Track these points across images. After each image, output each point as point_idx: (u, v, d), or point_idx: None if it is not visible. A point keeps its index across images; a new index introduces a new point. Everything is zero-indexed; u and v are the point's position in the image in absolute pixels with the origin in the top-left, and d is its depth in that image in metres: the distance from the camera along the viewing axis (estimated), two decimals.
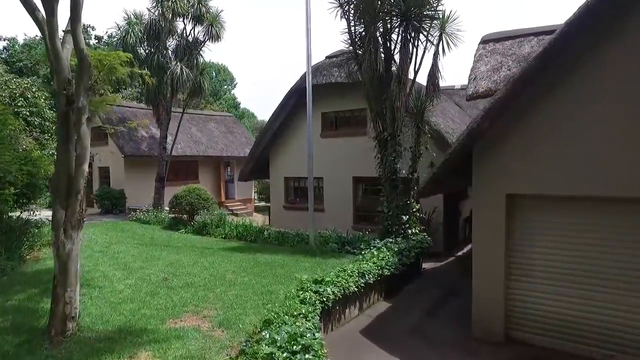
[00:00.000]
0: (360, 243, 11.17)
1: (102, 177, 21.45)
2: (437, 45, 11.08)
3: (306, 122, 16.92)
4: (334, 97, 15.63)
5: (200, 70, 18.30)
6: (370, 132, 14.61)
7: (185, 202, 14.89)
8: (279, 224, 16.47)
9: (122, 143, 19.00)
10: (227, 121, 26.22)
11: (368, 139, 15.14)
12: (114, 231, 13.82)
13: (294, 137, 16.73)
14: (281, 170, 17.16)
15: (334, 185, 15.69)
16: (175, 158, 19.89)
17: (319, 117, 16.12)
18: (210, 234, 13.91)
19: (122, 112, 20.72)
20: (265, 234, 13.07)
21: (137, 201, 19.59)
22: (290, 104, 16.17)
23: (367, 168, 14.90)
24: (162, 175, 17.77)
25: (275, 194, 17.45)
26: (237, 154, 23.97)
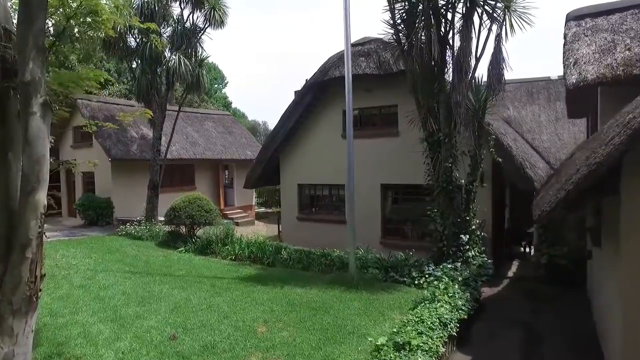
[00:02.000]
0: (409, 269, 9.02)
1: (86, 184, 18.95)
2: (501, 26, 9.00)
3: (327, 120, 14.51)
4: (358, 91, 13.43)
5: (199, 62, 15.99)
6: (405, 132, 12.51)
7: (185, 215, 12.57)
8: (291, 237, 14.25)
9: (109, 145, 16.58)
10: (225, 120, 23.90)
11: (400, 141, 13.09)
12: (99, 251, 11.44)
13: (310, 139, 14.53)
14: (294, 177, 14.94)
15: (358, 194, 13.45)
16: (170, 162, 17.54)
17: (338, 116, 13.95)
18: (216, 254, 11.62)
19: (109, 109, 18.27)
20: (284, 255, 10.84)
21: (127, 212, 17.15)
22: (306, 101, 13.96)
23: (398, 174, 12.81)
24: (155, 181, 15.40)
25: (287, 203, 15.22)
26: (238, 157, 21.66)
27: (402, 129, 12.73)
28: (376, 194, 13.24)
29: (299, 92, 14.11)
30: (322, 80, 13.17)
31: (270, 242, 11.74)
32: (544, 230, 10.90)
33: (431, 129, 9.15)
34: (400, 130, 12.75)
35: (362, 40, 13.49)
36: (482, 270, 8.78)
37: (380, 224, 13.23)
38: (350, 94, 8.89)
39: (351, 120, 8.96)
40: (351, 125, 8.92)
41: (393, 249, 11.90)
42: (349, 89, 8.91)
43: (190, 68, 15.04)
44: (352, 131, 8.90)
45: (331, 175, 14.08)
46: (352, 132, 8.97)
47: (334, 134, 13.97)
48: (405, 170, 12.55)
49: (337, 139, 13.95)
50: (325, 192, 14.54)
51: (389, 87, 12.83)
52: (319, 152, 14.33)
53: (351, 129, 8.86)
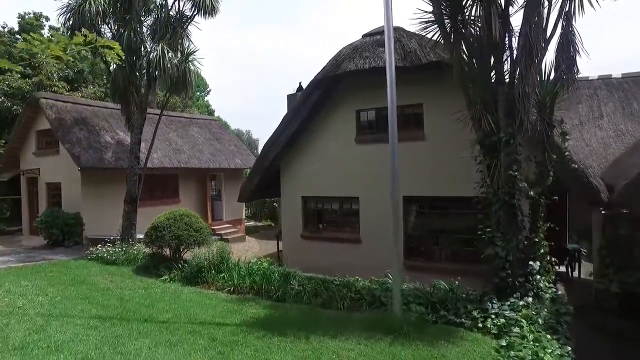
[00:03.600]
0: (465, 305, 7.02)
1: (51, 197, 16.40)
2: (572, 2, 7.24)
3: (337, 122, 12.22)
4: (374, 88, 11.56)
5: (186, 56, 13.83)
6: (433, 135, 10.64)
7: (169, 236, 10.31)
8: (294, 259, 12.11)
9: (78, 151, 14.17)
10: (212, 126, 21.67)
11: (426, 145, 11.20)
12: (59, 284, 9.06)
13: (317, 144, 12.51)
14: (297, 188, 12.86)
15: (375, 207, 11.55)
16: (151, 171, 15.21)
17: (351, 117, 12.01)
18: (208, 284, 9.40)
19: (79, 111, 15.86)
20: (294, 285, 8.71)
21: (99, 229, 14.70)
22: (313, 101, 11.96)
23: (424, 184, 10.90)
24: (133, 194, 13.06)
25: (288, 219, 13.09)
26: (227, 165, 19.43)
27: (429, 131, 10.87)
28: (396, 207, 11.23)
29: (304, 90, 12.09)
30: (334, 74, 11.20)
31: (274, 268, 9.57)
32: (608, 252, 9.09)
33: (488, 128, 7.25)
34: (427, 133, 10.88)
35: (379, 29, 11.62)
36: (558, 306, 6.88)
37: (402, 242, 11.22)
38: (392, 80, 6.97)
39: (394, 109, 7.02)
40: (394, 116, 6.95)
41: (418, 273, 10.03)
42: (391, 76, 6.96)
43: (176, 62, 12.85)
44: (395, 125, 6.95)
45: (342, 187, 12.08)
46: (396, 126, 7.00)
47: (346, 138, 12.00)
48: (433, 180, 10.66)
49: (349, 144, 11.99)
50: (334, 205, 12.49)
51: (413, 83, 10.94)
52: (328, 159, 12.32)
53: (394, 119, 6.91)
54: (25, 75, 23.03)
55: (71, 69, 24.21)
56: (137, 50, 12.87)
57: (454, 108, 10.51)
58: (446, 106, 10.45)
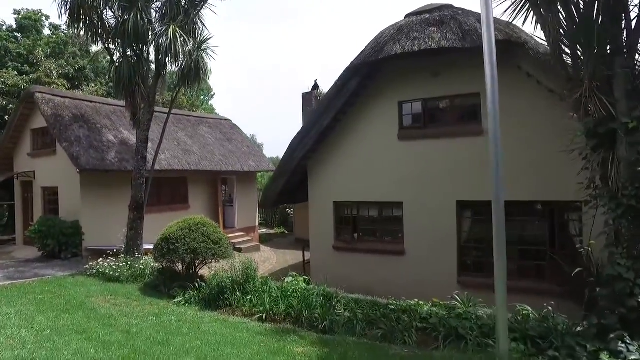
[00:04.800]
0: (582, 344, 5.29)
1: (48, 203, 14.74)
2: None
3: (376, 116, 10.39)
4: (421, 76, 9.94)
5: (199, 43, 12.22)
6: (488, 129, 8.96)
7: (184, 249, 8.63)
8: (325, 273, 10.38)
9: (78, 151, 12.52)
10: (223, 126, 20.04)
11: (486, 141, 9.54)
12: (51, 309, 7.36)
13: (351, 141, 10.86)
14: (329, 192, 11.18)
15: (423, 213, 9.89)
16: (158, 174, 13.56)
17: (392, 109, 10.37)
18: (232, 308, 7.72)
19: (78, 107, 14.24)
20: (340, 311, 7.02)
21: (100, 239, 13.05)
22: (349, 91, 10.30)
23: (482, 187, 9.17)
24: (139, 199, 11.39)
25: (318, 227, 11.40)
26: (240, 168, 17.77)
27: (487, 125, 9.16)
28: (450, 214, 9.60)
29: (339, 79, 10.44)
30: (376, 59, 9.56)
31: (313, 288, 7.87)
32: None
33: (603, 113, 5.58)
34: (485, 128, 9.18)
35: (427, 7, 10.01)
36: None
37: (456, 256, 9.54)
38: (492, 56, 5.29)
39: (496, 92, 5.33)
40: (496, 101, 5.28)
41: (475, 291, 8.33)
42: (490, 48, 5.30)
43: (190, 47, 11.24)
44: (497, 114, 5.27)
45: (382, 190, 10.42)
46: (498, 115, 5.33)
47: (386, 134, 10.35)
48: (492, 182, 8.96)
49: (390, 142, 10.33)
50: (372, 212, 10.81)
51: (469, 69, 9.31)
52: (364, 159, 10.66)
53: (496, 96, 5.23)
54: (22, 72, 21.54)
55: (72, 65, 22.67)
56: (145, 36, 11.26)
57: (520, 97, 8.96)
58: (510, 95, 8.86)
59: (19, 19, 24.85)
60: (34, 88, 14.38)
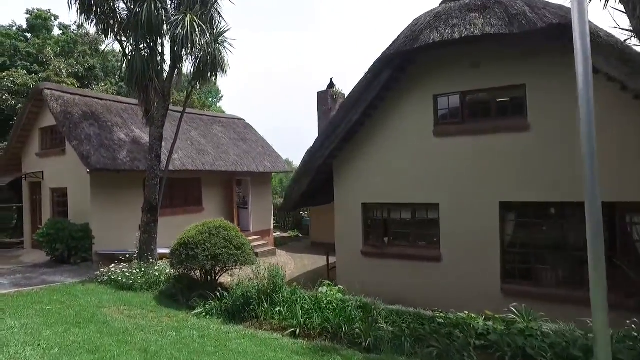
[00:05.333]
0: None
1: (57, 204, 14.10)
2: None
3: (408, 110, 9.57)
4: (457, 66, 9.15)
5: (216, 36, 11.50)
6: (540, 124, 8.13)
7: (204, 255, 7.87)
8: (352, 280, 9.52)
9: (88, 150, 11.85)
10: (237, 125, 19.34)
11: (531, 137, 8.71)
12: (60, 322, 6.63)
13: (381, 138, 10.07)
14: (357, 193, 10.39)
15: (461, 216, 9.07)
16: (172, 174, 12.86)
17: (427, 103, 9.57)
18: (260, 321, 6.95)
19: (88, 104, 13.59)
20: (383, 325, 6.23)
21: (111, 243, 12.37)
22: (381, 83, 9.51)
23: (528, 187, 8.38)
24: (153, 201, 10.68)
25: (344, 230, 10.61)
26: (255, 169, 17.04)
27: (534, 120, 8.37)
28: (490, 216, 8.76)
29: (368, 72, 9.65)
30: (411, 48, 8.77)
31: (347, 299, 7.08)
32: None
33: None
34: (532, 122, 8.37)
35: None
36: None
37: (498, 262, 8.70)
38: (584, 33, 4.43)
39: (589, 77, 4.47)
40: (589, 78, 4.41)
41: (522, 300, 7.52)
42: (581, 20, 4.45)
43: (207, 38, 10.54)
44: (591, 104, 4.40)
45: (416, 191, 9.62)
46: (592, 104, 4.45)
47: (421, 130, 9.55)
48: (540, 181, 8.18)
49: (425, 138, 9.53)
50: (404, 214, 9.99)
51: (514, 58, 8.56)
52: (396, 157, 9.87)
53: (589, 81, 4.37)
54: (31, 71, 21.04)
55: (81, 64, 22.12)
56: (159, 27, 10.57)
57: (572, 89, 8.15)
58: (560, 87, 8.07)
59: (30, 19, 24.46)
60: (43, 84, 13.78)
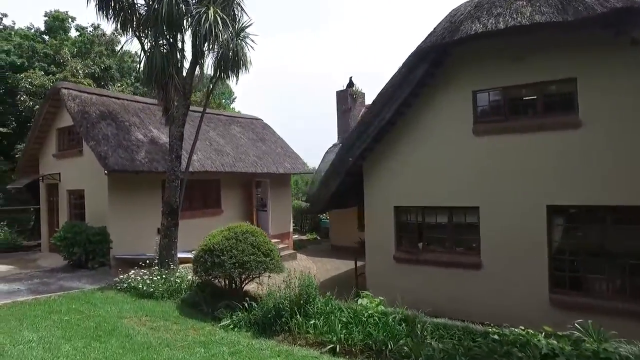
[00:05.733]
0: None
1: (73, 207, 13.74)
2: None
3: (445, 107, 8.89)
4: (499, 60, 8.48)
5: (238, 31, 11.00)
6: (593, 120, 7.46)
7: (230, 263, 7.34)
8: (384, 287, 8.94)
9: (105, 150, 11.44)
10: (255, 125, 18.86)
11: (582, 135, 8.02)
12: (79, 335, 6.14)
13: (416, 136, 9.44)
14: (388, 195, 9.77)
15: (504, 220, 8.39)
16: (191, 175, 12.38)
17: (465, 100, 8.92)
18: (293, 334, 6.39)
19: (104, 104, 13.21)
20: (433, 344, 5.61)
21: (130, 247, 11.97)
22: (416, 78, 8.88)
23: (580, 189, 7.69)
24: (174, 203, 10.20)
25: (375, 234, 9.99)
26: (275, 170, 16.52)
27: (586, 116, 7.66)
28: (537, 221, 8.07)
29: (403, 67, 9.05)
30: (450, 41, 8.14)
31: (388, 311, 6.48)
32: None
33: None
34: (584, 119, 7.67)
35: None
36: None
37: (546, 271, 8.00)
38: None
39: None
40: None
41: (573, 312, 6.86)
42: None
43: (230, 32, 10.05)
44: None
45: (453, 193, 8.97)
46: None
47: (459, 128, 8.90)
48: (593, 183, 7.48)
49: (464, 137, 8.87)
50: (441, 218, 9.33)
51: (561, 49, 7.86)
52: (432, 157, 9.23)
53: None
54: (48, 72, 20.86)
55: (97, 65, 21.89)
56: (179, 21, 10.11)
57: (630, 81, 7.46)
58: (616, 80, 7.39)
59: (48, 21, 24.38)
60: (60, 84, 13.44)
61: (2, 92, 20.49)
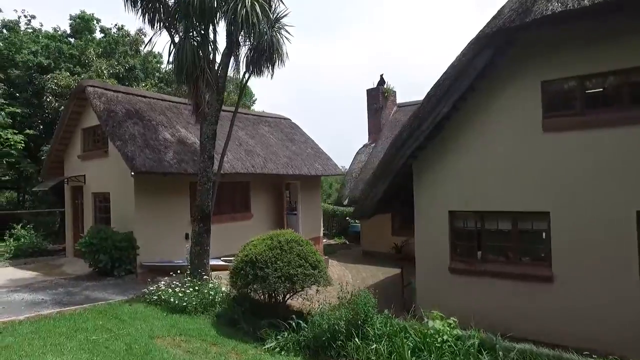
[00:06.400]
0: None
1: (99, 210, 13.16)
2: None
3: (511, 100, 7.81)
4: (573, 45, 7.43)
5: (273, 22, 10.19)
6: None
7: (275, 276, 6.48)
8: (435, 300, 7.97)
9: (132, 151, 10.78)
10: (284, 125, 18.06)
11: None
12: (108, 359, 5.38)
13: (476, 133, 8.43)
14: (442, 199, 8.79)
15: (579, 228, 7.33)
16: (221, 177, 11.62)
17: (534, 91, 7.87)
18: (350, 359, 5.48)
19: (131, 102, 12.59)
20: None
21: (157, 253, 11.29)
22: (477, 68, 7.89)
23: None
24: (206, 208, 9.43)
25: (427, 242, 9.00)
26: (306, 172, 15.67)
27: None
28: (624, 228, 6.98)
29: (462, 56, 8.06)
30: (522, 23, 7.13)
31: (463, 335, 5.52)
32: None
33: None
34: None
35: None
36: None
37: (638, 287, 6.90)
38: None
39: None
40: None
41: None
42: None
43: (266, 22, 9.25)
44: None
45: (518, 197, 7.93)
46: None
47: (525, 124, 7.86)
48: None
49: (531, 133, 7.83)
50: (503, 225, 8.29)
51: None
52: (493, 156, 8.21)
53: None
54: (74, 72, 20.55)
55: (122, 65, 21.49)
56: (212, 11, 9.35)
57: None
58: None
59: (74, 24, 24.19)
60: (86, 82, 12.88)
61: (30, 94, 20.27)
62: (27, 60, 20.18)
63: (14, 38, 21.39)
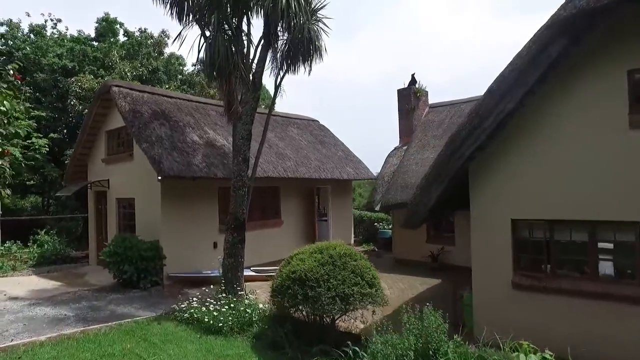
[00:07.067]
0: None
1: (123, 217, 12.54)
2: None
3: (586, 92, 6.78)
4: None
5: (311, 13, 9.37)
6: None
7: (329, 296, 5.61)
8: (499, 320, 7.00)
9: (160, 154, 10.11)
10: (313, 127, 17.27)
11: None
12: None
13: (544, 131, 7.41)
14: (503, 205, 7.77)
15: None
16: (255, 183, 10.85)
17: (617, 81, 6.83)
18: None
19: (158, 103, 11.96)
20: None
21: (183, 264, 10.58)
22: (551, 58, 6.88)
23: None
24: (241, 216, 8.64)
25: (486, 254, 7.99)
26: (338, 176, 14.82)
27: None
28: None
29: (532, 44, 7.07)
30: (610, 1, 6.14)
31: None
32: None
33: None
34: None
35: None
36: None
37: None
38: None
39: None
40: None
41: None
42: None
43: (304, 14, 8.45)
44: None
45: (596, 203, 6.85)
46: None
47: (605, 120, 6.78)
48: None
49: (612, 131, 6.74)
50: (577, 236, 7.25)
51: None
52: (565, 158, 7.16)
53: None
54: (97, 75, 20.24)
55: (145, 67, 21.07)
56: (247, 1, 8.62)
57: None
58: None
59: (98, 27, 24.03)
60: (110, 82, 12.33)
61: (54, 97, 20.02)
62: (52, 63, 19.96)
63: (41, 42, 21.24)
